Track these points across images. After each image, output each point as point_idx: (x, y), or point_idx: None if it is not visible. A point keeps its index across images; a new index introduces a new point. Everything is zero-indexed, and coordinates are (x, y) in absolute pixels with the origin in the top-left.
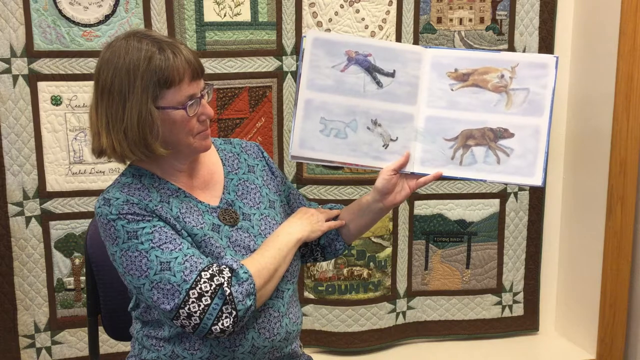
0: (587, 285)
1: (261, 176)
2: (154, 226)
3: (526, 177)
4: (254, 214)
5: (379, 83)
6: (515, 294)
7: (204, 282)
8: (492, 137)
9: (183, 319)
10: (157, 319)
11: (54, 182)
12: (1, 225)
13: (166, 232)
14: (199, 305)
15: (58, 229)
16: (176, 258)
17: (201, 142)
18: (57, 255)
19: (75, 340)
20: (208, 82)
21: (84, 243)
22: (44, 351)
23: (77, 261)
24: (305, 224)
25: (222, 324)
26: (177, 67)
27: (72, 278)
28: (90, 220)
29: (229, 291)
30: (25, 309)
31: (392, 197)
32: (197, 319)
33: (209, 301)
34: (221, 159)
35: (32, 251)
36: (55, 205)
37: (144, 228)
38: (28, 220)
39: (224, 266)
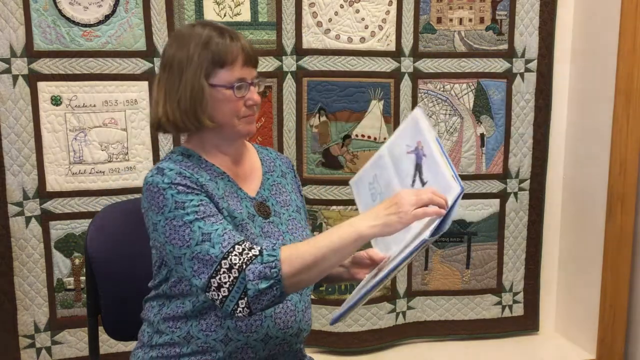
0: (587, 285)
1: (290, 184)
2: (201, 200)
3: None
4: (283, 214)
5: (414, 182)
6: (515, 294)
7: (235, 255)
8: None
9: (213, 290)
10: (186, 292)
11: (54, 182)
12: (1, 225)
13: (211, 208)
14: (229, 277)
15: (58, 229)
16: (216, 230)
17: (245, 126)
18: (57, 255)
19: (75, 340)
20: (263, 77)
21: (84, 243)
22: (44, 351)
23: (77, 261)
24: (379, 217)
25: (243, 303)
26: (231, 50)
27: (72, 278)
28: (90, 221)
29: (243, 267)
30: (25, 309)
31: (356, 270)
32: (226, 290)
33: (237, 274)
34: (260, 160)
35: (32, 251)
36: (55, 205)
37: (191, 200)
38: (28, 220)
39: (257, 245)
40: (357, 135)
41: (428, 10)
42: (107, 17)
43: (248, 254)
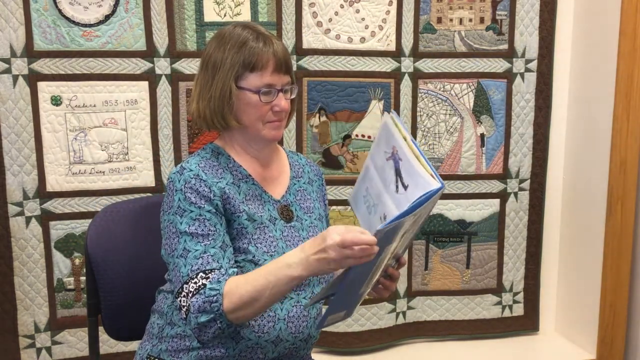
0: (587, 285)
1: (316, 192)
2: (201, 215)
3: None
4: (306, 220)
5: (397, 188)
6: (515, 294)
7: (194, 282)
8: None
9: (179, 308)
10: None
11: (54, 182)
12: (1, 225)
13: (205, 225)
14: (185, 302)
15: (58, 229)
16: (196, 251)
17: (270, 131)
18: (57, 255)
19: (75, 340)
20: (296, 84)
21: (84, 243)
22: (44, 351)
23: (77, 261)
24: (310, 263)
25: (192, 330)
26: (262, 55)
27: (72, 278)
28: (90, 221)
29: (190, 300)
30: (25, 309)
31: None
32: (184, 314)
33: (189, 303)
34: (289, 164)
35: (32, 251)
36: (55, 205)
37: (192, 212)
38: (28, 220)
39: (212, 277)
40: (357, 135)
41: (428, 10)
42: (107, 17)
43: (197, 283)
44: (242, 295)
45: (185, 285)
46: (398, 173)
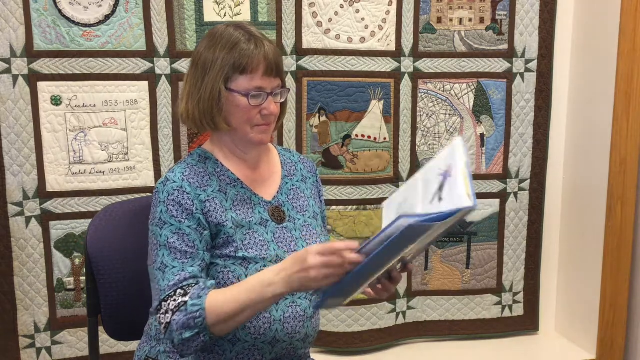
0: (587, 285)
1: (310, 189)
2: (181, 229)
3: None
4: (299, 220)
5: (432, 200)
6: (515, 294)
7: (174, 299)
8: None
9: (159, 323)
10: None
11: (54, 182)
12: (1, 225)
13: (185, 241)
14: (165, 318)
15: (58, 229)
16: (174, 267)
17: (257, 135)
18: (57, 255)
19: (75, 340)
20: (286, 88)
21: (84, 243)
22: (44, 351)
23: (77, 261)
24: (294, 281)
25: (174, 346)
26: (253, 57)
27: (72, 278)
28: (90, 220)
29: (172, 318)
30: (25, 309)
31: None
32: (163, 329)
33: (169, 320)
34: (281, 163)
35: (32, 251)
36: (55, 205)
37: (172, 225)
38: (28, 220)
39: (193, 292)
40: (357, 135)
41: (428, 10)
42: (107, 17)
43: (177, 300)
44: (226, 312)
45: (164, 303)
46: (441, 187)
